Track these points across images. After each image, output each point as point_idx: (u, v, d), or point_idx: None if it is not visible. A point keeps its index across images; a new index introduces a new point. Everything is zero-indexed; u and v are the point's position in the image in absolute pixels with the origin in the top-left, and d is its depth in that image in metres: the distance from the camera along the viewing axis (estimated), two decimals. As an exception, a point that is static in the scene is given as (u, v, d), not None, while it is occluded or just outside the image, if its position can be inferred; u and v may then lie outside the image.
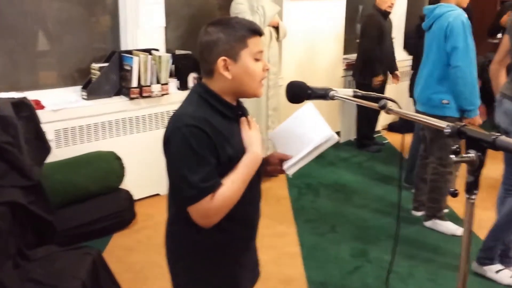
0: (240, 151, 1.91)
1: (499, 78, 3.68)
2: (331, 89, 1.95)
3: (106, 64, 4.38)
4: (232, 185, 1.84)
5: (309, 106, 2.13)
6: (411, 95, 5.21)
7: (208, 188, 1.79)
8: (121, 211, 4.16)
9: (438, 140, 4.13)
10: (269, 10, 4.86)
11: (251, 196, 1.97)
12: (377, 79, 5.90)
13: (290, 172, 2.03)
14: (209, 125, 1.82)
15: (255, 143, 1.94)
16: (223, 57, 1.85)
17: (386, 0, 5.80)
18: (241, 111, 2.00)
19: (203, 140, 1.79)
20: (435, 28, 4.04)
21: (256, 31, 1.91)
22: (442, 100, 4.03)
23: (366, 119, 6.29)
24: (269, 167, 2.11)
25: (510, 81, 3.48)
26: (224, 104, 1.92)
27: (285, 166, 2.03)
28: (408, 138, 5.34)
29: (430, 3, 4.70)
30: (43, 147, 3.66)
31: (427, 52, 4.19)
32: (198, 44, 1.91)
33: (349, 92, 1.93)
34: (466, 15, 3.99)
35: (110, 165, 4.21)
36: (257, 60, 1.91)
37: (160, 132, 4.38)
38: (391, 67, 6.10)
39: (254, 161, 1.92)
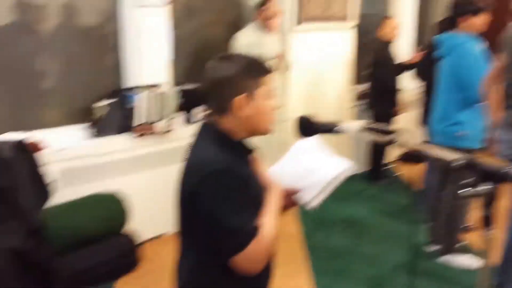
0: (260, 189, 1.92)
1: (492, 94, 3.63)
2: (339, 123, 1.96)
3: (110, 102, 4.31)
4: (269, 224, 1.83)
5: (312, 137, 2.11)
6: (424, 122, 5.15)
7: (253, 232, 1.77)
8: (126, 255, 4.03)
9: (453, 173, 3.99)
10: (272, 49, 4.83)
11: None
12: (398, 108, 5.94)
13: (312, 205, 2.01)
14: (235, 167, 1.80)
15: (274, 182, 1.98)
16: (241, 95, 1.82)
17: (388, 30, 5.82)
18: (252, 148, 2.00)
19: (236, 183, 1.78)
20: (449, 59, 4.01)
21: (269, 70, 1.91)
22: (458, 131, 3.98)
23: (378, 150, 6.19)
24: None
25: (510, 108, 3.48)
26: (239, 144, 1.93)
27: (306, 199, 2.01)
28: (421, 169, 5.25)
29: (440, 31, 4.66)
30: (44, 190, 3.59)
31: (441, 83, 4.15)
32: (208, 80, 1.88)
33: (358, 125, 1.94)
34: (481, 42, 3.98)
35: (115, 207, 4.08)
36: (269, 98, 1.90)
37: (168, 170, 4.38)
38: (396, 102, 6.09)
39: (279, 196, 1.94)
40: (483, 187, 1.43)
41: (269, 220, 1.84)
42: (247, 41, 4.70)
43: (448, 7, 4.09)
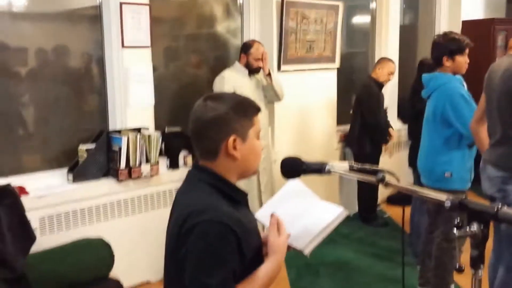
0: (259, 238, 1.84)
1: (480, 135, 3.64)
2: (326, 163, 1.92)
3: (93, 145, 4.23)
4: None
5: (295, 181, 2.10)
6: (410, 164, 5.14)
7: None
8: (111, 303, 3.90)
9: (443, 214, 4.00)
10: (254, 91, 4.81)
11: None
12: (386, 146, 5.96)
13: (308, 251, 1.95)
14: (235, 220, 1.70)
15: (281, 251, 1.83)
16: (234, 136, 1.76)
17: (385, 73, 5.80)
18: (245, 193, 1.91)
19: (227, 239, 1.67)
20: (434, 99, 3.99)
21: (259, 109, 1.87)
22: (445, 172, 3.93)
23: (367, 191, 6.11)
24: (265, 248, 1.92)
25: (491, 146, 3.48)
26: (235, 190, 1.84)
27: (301, 246, 1.94)
28: (409, 210, 5.22)
29: (422, 71, 4.67)
30: (28, 236, 3.50)
31: (427, 123, 4.12)
32: (197, 121, 1.79)
33: (345, 165, 1.90)
34: (464, 81, 4.00)
35: (99, 253, 3.96)
36: (258, 138, 1.86)
37: (151, 215, 4.29)
38: (385, 137, 6.01)
39: (277, 271, 1.82)
40: (475, 227, 1.43)
41: None
42: (231, 81, 4.67)
43: (432, 46, 4.08)
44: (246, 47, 4.85)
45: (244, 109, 1.81)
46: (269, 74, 4.90)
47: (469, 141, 3.87)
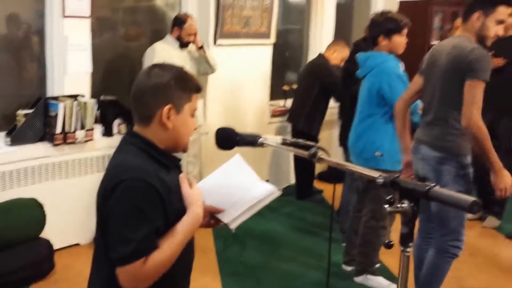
0: (179, 206, 1.85)
1: (405, 117, 3.63)
2: (260, 136, 1.95)
3: (31, 111, 4.36)
4: (168, 249, 1.75)
5: (237, 158, 2.15)
6: (341, 144, 5.17)
7: (144, 250, 1.71)
8: (40, 261, 4.08)
9: (371, 192, 4.03)
10: (184, 65, 4.89)
11: (186, 253, 1.89)
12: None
13: (233, 226, 2.03)
14: (158, 180, 1.76)
15: (196, 203, 1.87)
16: (170, 105, 1.82)
17: (339, 58, 5.74)
18: (178, 159, 1.97)
19: (151, 196, 1.73)
20: (369, 78, 3.97)
21: (200, 89, 1.93)
22: (375, 152, 3.93)
23: (304, 167, 6.11)
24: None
25: (425, 126, 3.50)
26: (165, 155, 1.88)
27: (227, 220, 2.02)
28: (339, 187, 5.23)
29: (357, 50, 4.52)
30: None
31: (361, 102, 4.10)
32: (138, 85, 1.86)
33: (278, 139, 1.94)
34: (400, 62, 3.98)
35: (31, 213, 4.16)
36: (192, 116, 1.91)
37: (84, 179, 4.48)
38: None
39: (196, 223, 1.86)
40: (405, 204, 1.44)
41: (170, 245, 1.76)
42: (162, 53, 4.72)
43: (368, 25, 4.06)
44: (179, 21, 4.90)
45: (185, 83, 1.86)
46: (201, 47, 5.01)
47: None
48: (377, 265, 4.26)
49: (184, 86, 1.86)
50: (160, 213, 1.75)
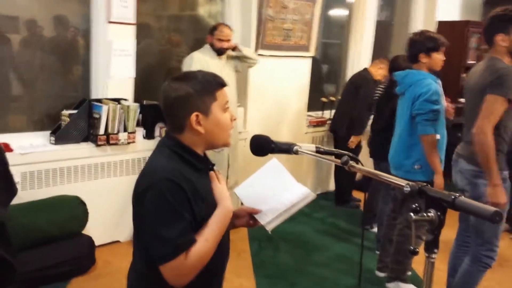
0: (214, 206, 1.89)
1: None
2: (294, 144, 1.97)
3: (76, 111, 4.49)
4: (206, 243, 1.80)
5: (274, 161, 2.18)
6: (371, 155, 5.23)
7: (183, 245, 1.75)
8: (81, 257, 4.19)
9: (408, 202, 4.03)
10: (219, 72, 4.91)
11: (221, 251, 1.93)
12: (356, 139, 6.00)
13: (270, 227, 2.05)
14: (185, 180, 1.79)
15: (226, 197, 1.92)
16: (196, 113, 1.85)
17: (383, 74, 5.78)
18: (211, 163, 2.00)
19: (179, 194, 1.77)
20: (408, 95, 4.00)
21: (222, 83, 1.94)
22: (414, 165, 3.98)
23: (344, 174, 6.18)
24: (238, 220, 2.12)
25: (465, 142, 3.58)
26: (197, 157, 1.91)
27: (264, 221, 2.05)
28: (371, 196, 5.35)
29: (394, 68, 4.69)
30: (10, 189, 3.70)
31: (399, 118, 4.15)
32: (164, 100, 1.90)
33: (312, 147, 1.96)
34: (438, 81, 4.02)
35: (74, 210, 4.28)
36: (225, 110, 1.93)
37: (125, 180, 4.59)
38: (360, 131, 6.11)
39: (227, 217, 1.91)
40: (431, 213, 1.45)
41: (207, 239, 1.81)
42: (199, 62, 4.78)
43: (408, 44, 4.07)
44: (212, 29, 4.98)
45: (205, 87, 1.88)
46: (235, 48, 5.04)
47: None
48: (409, 273, 4.32)
49: (204, 90, 1.88)
50: (188, 210, 1.79)
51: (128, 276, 2.02)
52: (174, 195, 1.76)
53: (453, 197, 1.44)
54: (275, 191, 2.13)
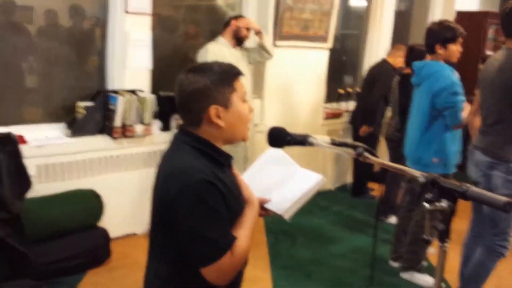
0: (242, 201, 1.89)
1: (475, 126, 3.71)
2: (309, 136, 1.95)
3: (91, 103, 4.45)
4: (245, 236, 1.80)
5: (273, 150, 2.15)
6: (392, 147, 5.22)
7: (228, 244, 1.74)
8: (97, 249, 4.18)
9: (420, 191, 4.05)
10: (236, 64, 4.83)
11: None
12: (366, 129, 5.97)
13: (288, 216, 2.03)
14: (217, 178, 1.76)
15: (253, 194, 1.93)
16: (215, 105, 1.79)
17: (400, 60, 5.67)
18: (231, 156, 1.95)
19: (215, 194, 1.73)
20: (425, 86, 3.99)
21: (239, 73, 1.88)
22: (432, 158, 3.98)
23: (362, 166, 6.19)
24: None
25: (482, 133, 3.57)
26: (220, 153, 1.86)
27: (281, 211, 2.01)
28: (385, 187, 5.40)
29: (411, 58, 4.74)
30: (25, 182, 3.72)
31: (415, 111, 4.14)
32: (179, 93, 1.83)
33: (327, 139, 1.93)
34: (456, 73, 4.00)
35: (89, 203, 4.25)
36: (244, 102, 1.87)
37: (142, 172, 4.51)
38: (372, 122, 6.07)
39: (257, 210, 1.92)
40: (443, 203, 1.51)
41: (245, 234, 1.80)
42: (214, 53, 4.64)
43: (426, 33, 4.06)
44: (235, 17, 4.87)
45: (223, 78, 1.81)
46: (259, 32, 4.93)
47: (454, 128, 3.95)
48: (425, 263, 4.40)
49: (223, 81, 1.81)
50: (224, 208, 1.77)
51: (147, 277, 1.95)
52: (211, 195, 1.72)
53: (465, 188, 1.49)
54: (283, 178, 2.11)
